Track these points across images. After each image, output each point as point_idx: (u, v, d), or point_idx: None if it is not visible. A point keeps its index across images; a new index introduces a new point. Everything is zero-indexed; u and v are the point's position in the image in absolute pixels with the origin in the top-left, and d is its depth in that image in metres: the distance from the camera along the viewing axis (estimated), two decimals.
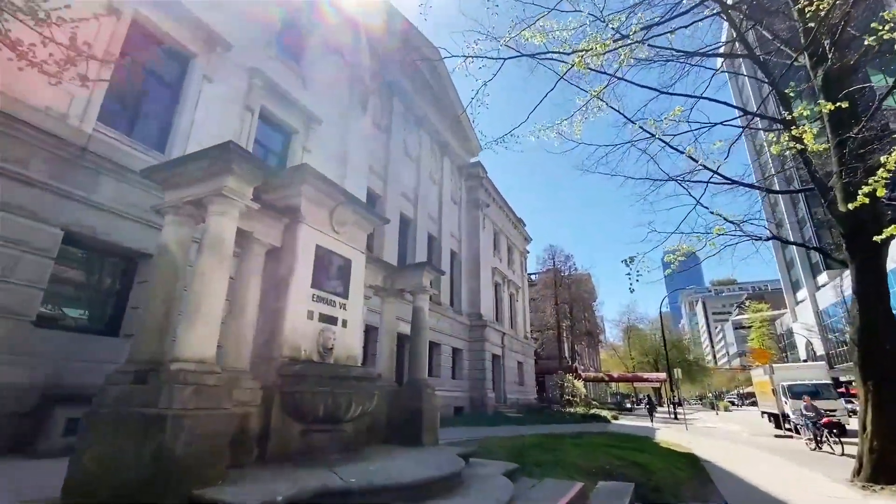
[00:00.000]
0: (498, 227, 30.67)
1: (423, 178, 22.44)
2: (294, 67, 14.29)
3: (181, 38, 10.84)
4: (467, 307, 25.25)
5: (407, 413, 6.63)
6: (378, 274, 7.27)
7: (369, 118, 17.90)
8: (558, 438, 11.83)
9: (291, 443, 4.77)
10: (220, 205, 3.99)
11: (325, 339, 5.42)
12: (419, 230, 21.35)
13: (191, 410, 3.30)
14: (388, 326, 7.49)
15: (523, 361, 31.31)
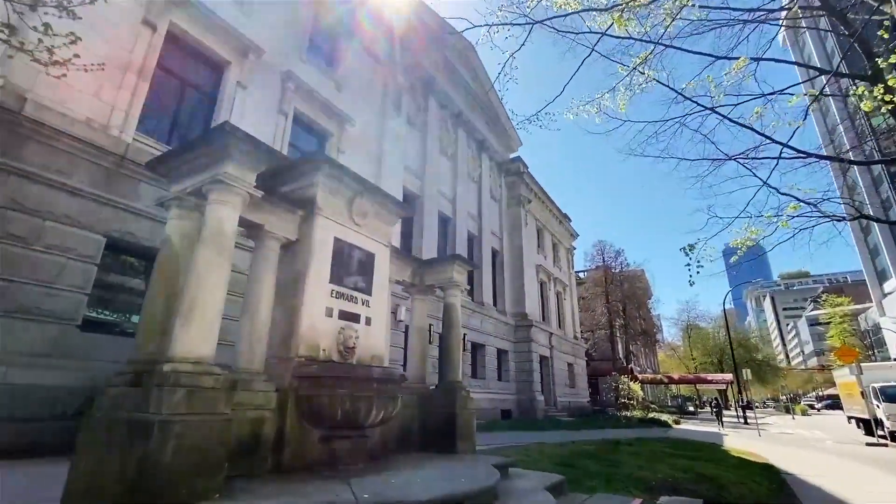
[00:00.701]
0: (541, 224, 29.62)
1: (461, 176, 21.97)
2: (326, 70, 14.30)
3: (215, 47, 11.03)
4: (511, 307, 24.47)
5: (440, 418, 6.14)
6: (405, 269, 6.85)
7: (403, 118, 17.69)
8: (613, 445, 10.89)
9: (311, 451, 4.41)
10: (219, 192, 3.70)
11: (346, 338, 5.04)
12: (458, 229, 20.88)
13: (181, 416, 2.98)
14: (419, 325, 7.04)
15: (574, 363, 29.97)
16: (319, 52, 14.48)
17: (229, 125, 3.59)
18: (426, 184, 19.23)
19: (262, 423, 4.15)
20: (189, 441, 2.97)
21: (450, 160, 21.64)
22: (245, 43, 11.55)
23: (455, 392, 6.27)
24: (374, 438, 5.29)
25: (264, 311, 4.54)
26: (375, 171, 15.51)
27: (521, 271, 25.19)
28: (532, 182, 27.78)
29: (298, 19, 13.61)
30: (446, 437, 5.99)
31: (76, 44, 5.39)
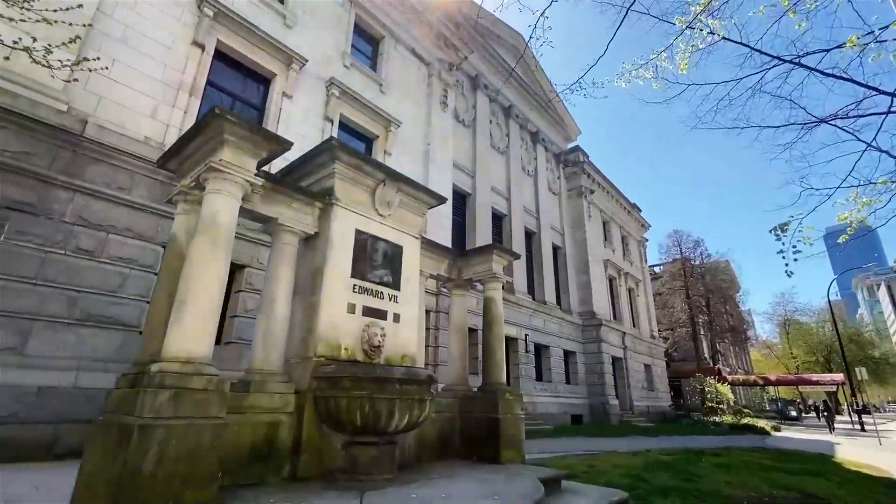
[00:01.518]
0: (607, 215, 27.82)
1: (515, 170, 21.17)
2: (370, 73, 14.33)
3: (260, 61, 11.37)
4: (577, 305, 23.11)
5: (481, 424, 5.58)
6: (440, 262, 6.38)
7: (450, 115, 17.33)
8: (696, 455, 9.59)
9: (331, 458, 4.08)
10: (214, 181, 3.49)
11: (372, 336, 4.67)
12: (514, 225, 20.09)
13: (165, 420, 2.74)
14: (458, 322, 6.53)
15: (651, 364, 27.71)
16: (362, 56, 14.57)
17: (219, 108, 3.36)
18: (478, 180, 18.71)
19: (278, 428, 3.88)
20: (175, 447, 2.72)
21: (502, 155, 20.94)
22: (288, 54, 11.80)
23: (497, 395, 5.67)
24: (407, 445, 4.87)
25: (280, 308, 4.30)
26: (423, 171, 15.29)
27: (586, 267, 23.76)
28: (594, 171, 26.20)
29: (340, 25, 13.77)
30: (489, 444, 5.41)
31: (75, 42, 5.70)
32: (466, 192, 18.29)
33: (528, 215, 21.55)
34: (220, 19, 10.59)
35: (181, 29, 9.95)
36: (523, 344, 18.32)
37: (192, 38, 10.10)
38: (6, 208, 7.06)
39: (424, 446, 5.16)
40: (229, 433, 3.57)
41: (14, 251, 6.99)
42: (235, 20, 10.77)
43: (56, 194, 7.57)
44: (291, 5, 12.46)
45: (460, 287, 6.64)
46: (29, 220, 7.24)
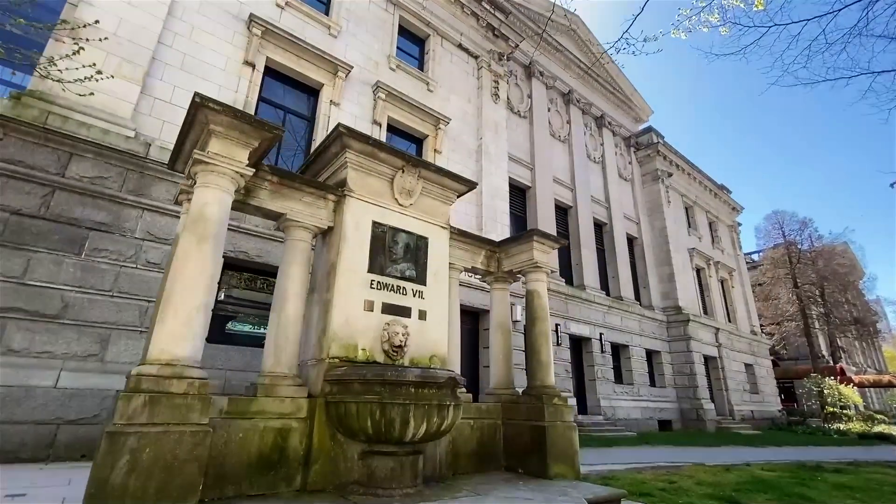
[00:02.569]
0: (689, 200, 25.19)
1: (579, 158, 19.88)
2: (417, 73, 14.18)
3: (308, 73, 11.66)
4: (660, 300, 21.09)
5: (525, 433, 4.94)
6: (476, 253, 5.85)
7: (503, 107, 16.67)
8: (810, 471, 7.98)
9: (347, 469, 3.74)
10: (203, 174, 3.34)
11: (392, 335, 4.29)
12: (581, 217, 18.81)
13: (139, 426, 2.56)
14: (499, 319, 5.93)
15: (753, 363, 24.49)
16: (408, 56, 14.48)
17: (199, 95, 3.20)
18: (537, 172, 17.80)
19: (288, 435, 3.63)
20: (149, 456, 2.53)
21: (563, 143, 19.78)
22: (334, 63, 11.98)
23: (543, 400, 4.99)
24: (438, 456, 4.41)
25: (291, 307, 4.08)
26: (476, 167, 14.81)
27: (667, 258, 21.64)
28: (670, 152, 23.87)
29: (384, 28, 13.79)
30: (534, 456, 4.76)
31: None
32: (525, 185, 17.47)
33: (597, 205, 20.11)
34: (267, 37, 11.00)
35: (233, 51, 10.46)
36: (598, 344, 17.00)
37: (244, 58, 10.57)
38: (86, 228, 7.75)
39: (461, 457, 4.66)
40: (234, 440, 3.38)
41: (93, 267, 7.65)
42: (282, 36, 11.13)
43: (127, 213, 8.21)
44: (335, 15, 12.68)
45: (501, 280, 6.05)
46: (105, 238, 7.90)
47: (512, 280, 6.09)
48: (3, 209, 7.14)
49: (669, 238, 21.80)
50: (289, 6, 11.73)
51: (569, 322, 16.34)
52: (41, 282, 7.23)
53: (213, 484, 3.21)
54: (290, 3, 11.76)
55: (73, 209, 7.70)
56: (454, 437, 4.68)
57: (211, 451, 3.26)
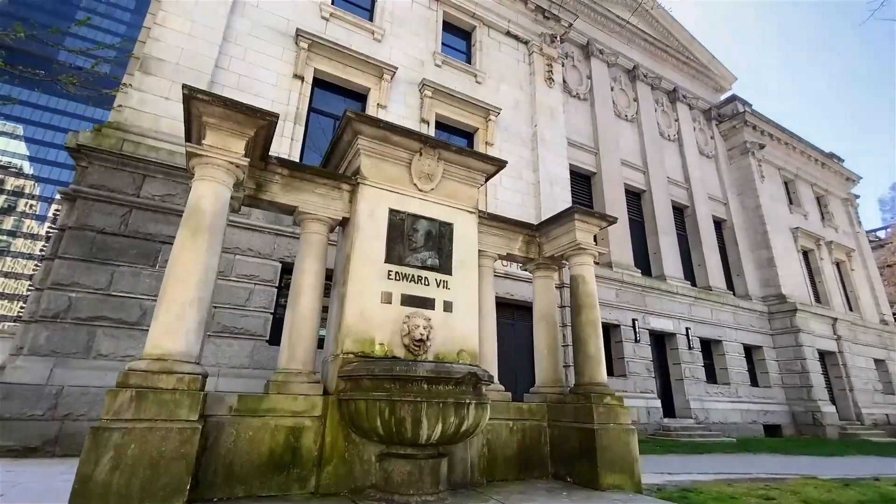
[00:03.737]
0: (789, 173, 22.00)
1: (650, 137, 18.23)
2: (463, 66, 13.87)
3: (354, 79, 11.85)
4: (758, 289, 18.61)
5: (571, 437, 4.34)
6: (512, 239, 5.33)
7: (559, 91, 15.76)
8: None
9: (364, 471, 3.48)
10: (199, 168, 3.29)
11: (412, 329, 3.98)
12: (657, 201, 17.20)
13: (124, 422, 2.50)
14: (543, 310, 5.35)
15: (885, 358, 20.65)
16: (454, 51, 14.23)
17: (187, 87, 3.15)
18: (602, 156, 16.59)
19: (301, 434, 3.46)
20: (134, 454, 2.46)
21: (631, 123, 18.27)
22: (379, 67, 12.07)
23: (591, 399, 4.35)
24: (468, 459, 4.00)
25: (305, 302, 3.94)
26: (531, 156, 14.11)
27: (764, 240, 19.06)
28: (760, 121, 21.05)
29: (429, 27, 13.67)
30: (582, 463, 4.15)
31: None
32: (589, 170, 16.35)
33: (675, 187, 18.27)
34: (314, 49, 11.34)
35: (283, 66, 10.92)
36: (684, 339, 15.34)
37: (293, 72, 10.99)
38: (159, 242, 8.44)
39: (498, 462, 4.21)
40: (243, 439, 3.28)
41: None
42: (328, 46, 11.41)
43: None
44: (378, 20, 12.79)
45: (543, 267, 5.47)
46: None
47: (556, 267, 5.50)
48: (90, 229, 7.96)
49: (766, 218, 19.18)
50: (333, 17, 12.02)
51: (648, 316, 14.93)
52: (123, 292, 7.94)
53: (222, 483, 3.13)
54: (335, 14, 12.04)
55: (147, 225, 8.41)
56: (490, 439, 4.24)
57: (220, 449, 3.18)
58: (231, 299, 8.69)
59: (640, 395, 13.50)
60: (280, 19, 11.17)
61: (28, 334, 7.19)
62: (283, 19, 11.22)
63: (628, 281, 14.74)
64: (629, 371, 13.63)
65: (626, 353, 13.86)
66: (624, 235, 15.75)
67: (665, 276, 15.96)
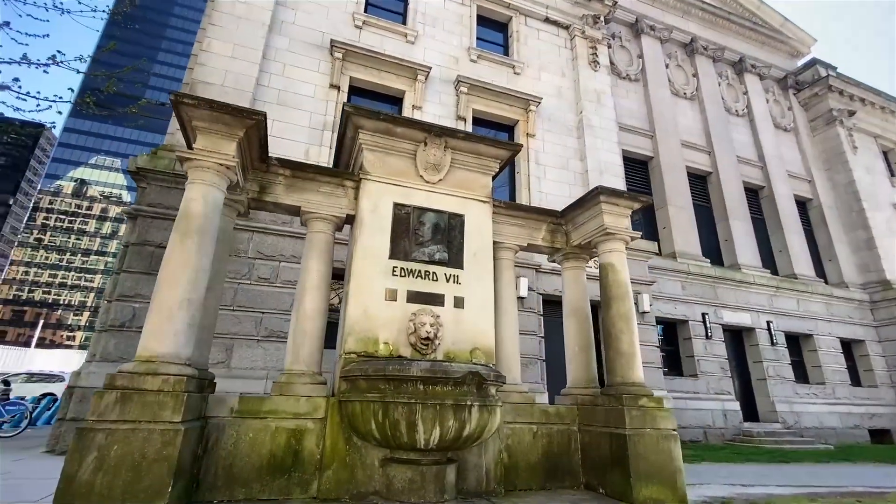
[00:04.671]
0: (889, 141, 19.04)
1: (715, 114, 16.65)
2: (500, 58, 13.49)
3: (389, 84, 11.93)
4: (856, 275, 16.28)
5: (602, 443, 3.87)
6: (535, 228, 4.93)
7: (605, 73, 14.86)
8: None
9: (365, 476, 3.32)
10: (191, 171, 3.31)
11: (419, 326, 3.77)
12: (725, 183, 15.64)
13: (109, 423, 2.52)
14: (574, 304, 4.88)
15: None
16: (490, 44, 13.90)
17: (174, 93, 3.19)
18: (659, 139, 15.40)
19: (303, 436, 3.37)
20: (116, 455, 2.47)
21: (691, 100, 16.81)
22: (413, 68, 12.06)
23: (623, 400, 3.85)
24: (483, 466, 3.70)
25: (308, 301, 3.87)
26: (577, 144, 13.38)
27: (861, 219, 16.66)
28: (848, 85, 18.46)
29: (462, 23, 13.47)
30: (615, 472, 3.67)
31: None
32: (645, 155, 15.24)
33: (748, 166, 16.53)
34: (349, 58, 11.56)
35: (319, 78, 11.23)
36: (765, 334, 13.76)
37: (329, 83, 11.27)
38: None
39: (520, 470, 3.86)
40: (244, 441, 3.25)
41: (227, 286, 8.76)
42: (362, 54, 11.57)
43: (240, 236, 9.26)
44: (411, 22, 12.80)
45: (572, 257, 5.01)
46: (235, 261, 8.95)
47: (586, 256, 5.02)
48: (149, 244, 8.60)
49: (861, 194, 16.76)
50: (366, 25, 12.18)
51: (720, 310, 13.57)
52: None
53: (222, 485, 3.11)
54: (368, 22, 12.20)
55: None
56: (510, 445, 3.91)
57: (220, 451, 3.17)
58: (277, 305, 8.99)
59: (714, 396, 12.26)
60: (315, 33, 11.50)
61: (100, 343, 7.87)
62: (318, 32, 11.53)
63: (695, 272, 13.50)
64: (700, 370, 12.43)
65: (696, 350, 12.67)
66: (688, 223, 14.48)
67: (739, 264, 14.45)
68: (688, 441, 11.23)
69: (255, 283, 8.98)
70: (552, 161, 13.10)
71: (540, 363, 9.95)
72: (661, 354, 11.90)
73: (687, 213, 14.58)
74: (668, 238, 14.21)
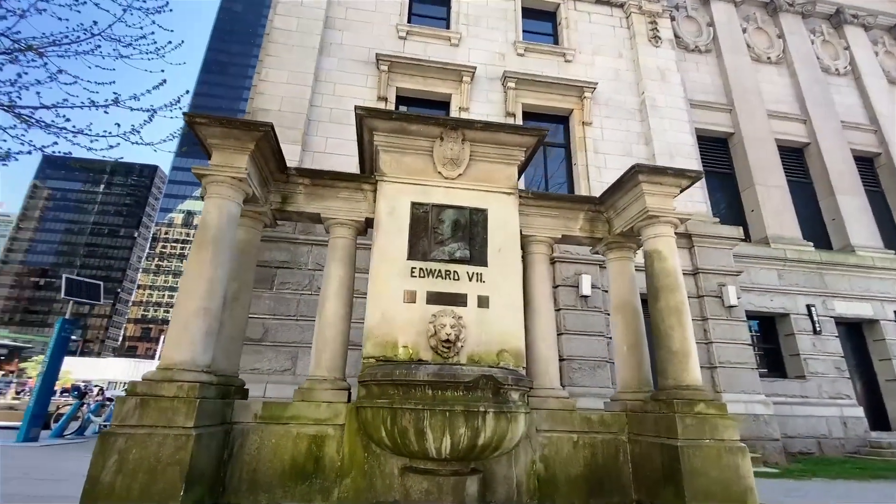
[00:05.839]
0: None
1: (808, 76, 14.55)
2: (549, 48, 12.96)
3: (435, 89, 11.97)
4: None
5: (653, 455, 3.34)
6: (571, 218, 4.49)
7: (668, 48, 13.64)
8: None
9: (384, 486, 3.18)
10: (208, 186, 3.45)
11: (439, 328, 3.58)
12: (828, 153, 13.55)
13: (129, 428, 2.65)
14: (622, 298, 4.35)
15: None
16: (538, 35, 13.42)
17: (186, 114, 3.36)
18: (740, 112, 13.78)
19: (324, 443, 3.34)
20: (135, 457, 2.59)
21: (777, 65, 14.86)
22: (457, 71, 11.99)
23: (675, 406, 3.30)
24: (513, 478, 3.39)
25: (330, 307, 3.86)
26: (641, 128, 12.38)
27: None
28: None
29: (507, 17, 13.16)
30: (668, 489, 3.15)
31: None
32: (724, 132, 13.73)
33: (855, 131, 14.20)
34: (394, 69, 11.78)
35: (367, 92, 11.57)
36: (893, 326, 11.61)
37: (377, 95, 11.57)
38: (274, 267, 9.53)
39: (559, 483, 3.48)
40: (267, 446, 3.29)
41: (281, 297, 9.28)
42: (406, 63, 11.74)
43: (300, 250, 9.76)
44: (454, 25, 12.76)
45: (616, 247, 4.50)
46: (287, 273, 9.53)
47: (633, 245, 4.49)
48: None
49: None
50: (410, 34, 12.34)
51: (830, 300, 11.71)
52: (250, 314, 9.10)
53: (246, 490, 3.16)
54: (412, 32, 12.36)
55: (263, 254, 9.53)
56: (546, 455, 3.56)
57: (244, 456, 3.24)
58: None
59: (828, 401, 10.54)
60: (361, 49, 11.86)
61: None
62: (365, 49, 11.88)
63: (794, 258, 11.81)
64: (809, 371, 10.76)
65: (802, 348, 11.00)
66: (782, 203, 12.73)
67: (852, 246, 12.41)
68: (796, 453, 9.72)
69: (314, 293, 9.34)
70: (613, 148, 12.25)
71: (609, 366, 9.23)
72: (756, 353, 10.50)
73: (780, 192, 12.83)
74: (759, 222, 12.61)
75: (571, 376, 8.94)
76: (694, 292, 10.39)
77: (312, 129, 10.91)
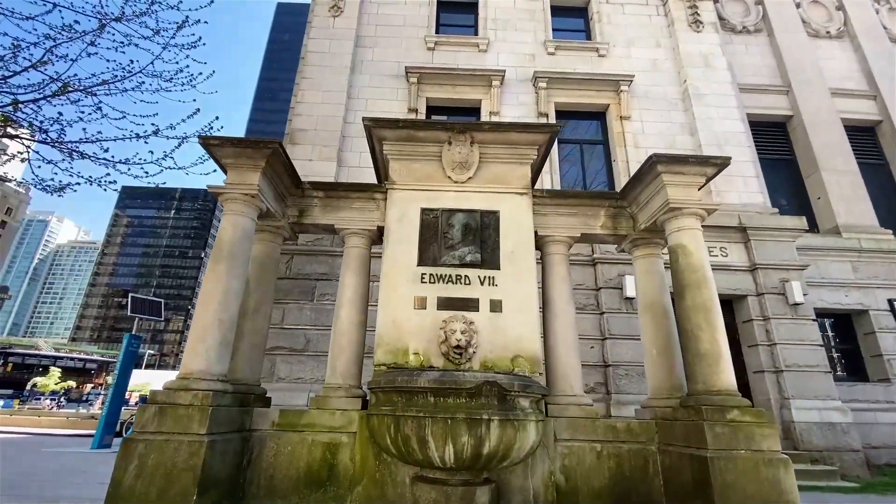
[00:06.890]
0: None
1: (876, 49, 13.17)
2: (580, 44, 12.62)
3: (464, 96, 11.98)
4: None
5: (685, 467, 3.05)
6: (592, 215, 4.26)
7: (711, 31, 12.86)
8: None
9: (396, 494, 3.15)
10: (224, 204, 3.62)
11: (449, 334, 3.51)
12: None
13: (149, 434, 2.79)
14: (649, 297, 4.05)
15: None
16: (569, 33, 13.11)
17: (200, 137, 3.56)
18: (798, 93, 12.70)
19: (337, 450, 3.36)
20: (153, 463, 2.72)
21: (838, 39, 13.58)
22: (486, 75, 11.96)
23: (705, 413, 3.00)
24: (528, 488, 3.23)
25: (344, 315, 3.91)
26: (685, 119, 11.71)
27: None
28: None
29: (535, 17, 12.98)
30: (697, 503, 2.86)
31: None
32: (781, 115, 12.70)
33: None
34: (424, 80, 11.95)
35: (398, 105, 11.78)
36: None
37: (408, 107, 11.76)
38: (314, 279, 9.87)
39: (581, 495, 3.27)
40: (283, 453, 3.37)
41: (321, 308, 9.57)
42: (435, 73, 11.86)
43: (338, 262, 10.03)
44: (482, 31, 12.76)
45: (641, 244, 4.23)
46: (327, 284, 9.83)
47: (660, 240, 4.19)
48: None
49: None
50: (438, 45, 12.47)
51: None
52: (292, 325, 9.46)
53: (264, 496, 3.25)
54: (440, 42, 12.49)
55: (304, 267, 9.92)
56: (566, 465, 3.37)
57: (262, 462, 3.33)
58: (373, 323, 9.47)
59: None
60: (392, 64, 12.12)
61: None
62: (394, 63, 12.13)
63: (871, 248, 10.65)
64: (894, 374, 9.56)
65: (885, 347, 9.83)
66: (853, 188, 11.55)
67: None
68: (882, 465, 8.62)
69: None
70: (654, 142, 11.66)
71: None
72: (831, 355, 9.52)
73: (850, 177, 11.64)
74: (827, 210, 11.49)
75: (618, 383, 8.52)
76: (753, 290, 9.61)
77: (346, 144, 11.24)
